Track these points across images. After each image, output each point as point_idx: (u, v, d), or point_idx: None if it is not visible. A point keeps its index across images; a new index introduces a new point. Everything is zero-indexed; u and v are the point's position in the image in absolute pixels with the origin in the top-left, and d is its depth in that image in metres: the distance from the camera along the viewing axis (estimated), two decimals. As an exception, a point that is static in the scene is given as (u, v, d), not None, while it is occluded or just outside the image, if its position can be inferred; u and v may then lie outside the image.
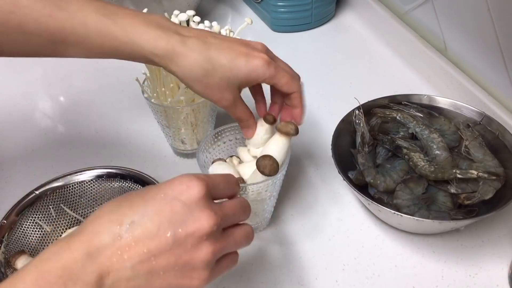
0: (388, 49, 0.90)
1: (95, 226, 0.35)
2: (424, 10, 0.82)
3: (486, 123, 0.62)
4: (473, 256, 0.56)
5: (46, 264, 0.33)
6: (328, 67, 0.88)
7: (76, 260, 0.33)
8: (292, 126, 0.53)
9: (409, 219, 0.52)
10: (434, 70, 0.79)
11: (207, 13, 1.04)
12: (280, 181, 0.55)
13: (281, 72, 0.50)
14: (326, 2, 0.96)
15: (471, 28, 0.71)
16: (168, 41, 0.47)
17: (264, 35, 0.98)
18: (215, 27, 0.63)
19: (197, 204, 0.36)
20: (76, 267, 0.33)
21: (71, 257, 0.33)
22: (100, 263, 0.34)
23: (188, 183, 0.37)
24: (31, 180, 0.61)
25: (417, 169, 0.59)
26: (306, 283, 0.54)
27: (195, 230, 0.35)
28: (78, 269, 0.33)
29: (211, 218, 0.36)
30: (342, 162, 0.59)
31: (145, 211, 0.35)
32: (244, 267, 0.56)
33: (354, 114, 0.64)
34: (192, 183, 0.37)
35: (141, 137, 0.74)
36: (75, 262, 0.33)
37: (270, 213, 0.59)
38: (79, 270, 0.33)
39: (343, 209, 0.62)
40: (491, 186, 0.56)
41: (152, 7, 0.86)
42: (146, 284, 0.35)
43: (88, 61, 0.93)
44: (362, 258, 0.56)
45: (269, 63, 0.48)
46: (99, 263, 0.34)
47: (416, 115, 0.65)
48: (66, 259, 0.33)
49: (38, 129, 0.77)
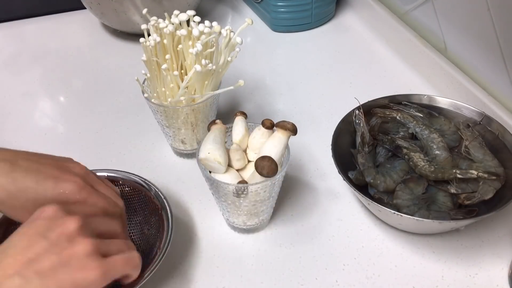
0: (388, 49, 0.90)
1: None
2: (424, 10, 0.82)
3: (486, 123, 0.62)
4: (473, 256, 0.56)
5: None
6: (328, 67, 0.88)
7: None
8: (290, 125, 0.53)
9: (409, 219, 0.52)
10: (434, 70, 0.79)
11: (207, 13, 1.04)
12: (279, 182, 0.55)
13: (94, 198, 0.48)
14: (326, 2, 0.96)
15: (471, 28, 0.71)
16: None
17: (264, 35, 0.98)
18: (215, 27, 0.63)
19: (55, 215, 0.41)
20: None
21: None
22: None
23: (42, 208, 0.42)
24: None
25: (417, 169, 0.59)
26: (306, 283, 0.54)
27: (63, 229, 0.40)
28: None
29: (74, 218, 0.41)
30: (342, 162, 0.59)
31: (11, 239, 0.40)
32: (244, 267, 0.56)
33: (354, 114, 0.64)
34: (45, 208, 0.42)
35: (141, 137, 0.74)
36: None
37: (270, 214, 0.59)
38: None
39: (343, 209, 0.62)
40: (491, 186, 0.56)
41: (152, 7, 0.86)
42: (42, 285, 0.38)
43: (88, 62, 0.93)
44: (362, 258, 0.56)
45: (82, 187, 0.47)
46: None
47: (416, 115, 0.65)
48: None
49: (38, 129, 0.77)
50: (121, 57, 0.93)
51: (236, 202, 0.54)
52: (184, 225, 0.61)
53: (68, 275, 0.39)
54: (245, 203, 0.54)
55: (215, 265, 0.56)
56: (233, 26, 0.76)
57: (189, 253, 0.57)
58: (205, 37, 0.62)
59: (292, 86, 0.83)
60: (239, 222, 0.58)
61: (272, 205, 0.58)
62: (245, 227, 0.59)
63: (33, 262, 0.38)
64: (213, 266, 0.56)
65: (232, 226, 0.59)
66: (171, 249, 0.55)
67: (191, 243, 0.59)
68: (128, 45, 0.95)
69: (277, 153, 0.53)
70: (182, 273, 0.55)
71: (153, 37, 0.62)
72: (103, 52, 0.95)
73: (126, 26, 0.93)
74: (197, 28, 0.62)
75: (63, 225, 0.40)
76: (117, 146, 0.73)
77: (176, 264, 0.56)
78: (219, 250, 0.58)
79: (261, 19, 1.01)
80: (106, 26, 0.99)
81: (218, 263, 0.56)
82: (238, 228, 0.59)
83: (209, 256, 0.57)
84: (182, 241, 0.59)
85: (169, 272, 0.56)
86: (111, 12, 0.89)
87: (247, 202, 0.54)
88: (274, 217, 0.61)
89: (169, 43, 0.63)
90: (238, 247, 0.58)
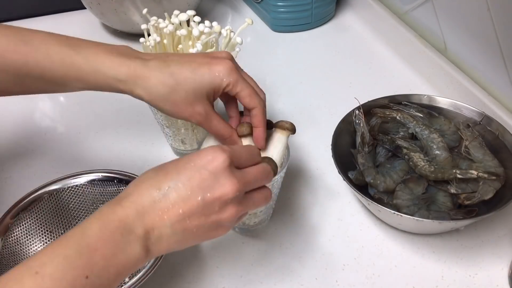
0: (388, 49, 0.90)
1: (139, 190, 0.40)
2: (424, 10, 0.82)
3: (486, 123, 0.62)
4: (473, 256, 0.56)
5: (106, 217, 0.39)
6: (328, 67, 0.88)
7: (128, 216, 0.39)
8: (288, 125, 0.53)
9: (409, 219, 0.52)
10: (434, 70, 0.79)
11: (207, 13, 1.04)
12: (278, 183, 0.55)
13: (244, 82, 0.50)
14: (326, 2, 0.96)
15: (471, 28, 0.71)
16: (129, 66, 0.49)
17: (264, 35, 0.98)
18: (215, 27, 0.63)
19: (222, 172, 0.41)
20: (129, 221, 0.38)
21: (124, 213, 0.39)
22: (146, 221, 0.39)
23: (214, 154, 0.41)
24: (31, 181, 0.61)
25: (417, 169, 0.59)
26: (306, 283, 0.54)
27: (221, 195, 0.40)
28: (130, 223, 0.38)
29: (235, 185, 0.41)
30: (342, 162, 0.59)
31: (178, 178, 0.40)
32: (244, 267, 0.56)
33: (354, 114, 0.64)
34: (217, 154, 0.41)
35: (141, 137, 0.74)
36: (127, 217, 0.39)
37: (269, 214, 0.59)
38: (131, 224, 0.38)
39: (343, 209, 0.62)
40: (491, 186, 0.56)
41: (152, 7, 0.86)
42: (183, 239, 0.41)
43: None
44: (362, 258, 0.56)
45: (232, 69, 0.49)
46: (145, 221, 0.39)
47: (416, 115, 0.65)
48: (121, 214, 0.39)
49: (38, 129, 0.77)
50: (121, 57, 0.92)
51: None
52: (184, 225, 0.61)
53: (207, 233, 0.42)
54: None
55: (215, 265, 0.56)
56: (233, 26, 0.76)
57: (188, 253, 0.57)
58: (205, 37, 0.62)
59: (292, 86, 0.83)
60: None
61: (272, 206, 0.58)
62: (244, 227, 0.59)
63: (185, 219, 0.40)
64: (213, 266, 0.56)
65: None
66: (171, 249, 0.55)
67: (191, 243, 0.58)
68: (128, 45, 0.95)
69: (278, 153, 0.53)
70: (182, 273, 0.55)
71: (153, 37, 0.62)
72: (103, 52, 0.95)
73: (126, 26, 0.93)
74: (197, 28, 0.61)
75: (223, 188, 0.41)
76: (117, 146, 0.73)
77: (176, 264, 0.56)
78: (219, 250, 0.58)
79: (261, 19, 1.01)
80: (106, 26, 0.99)
81: (218, 263, 0.56)
82: (238, 228, 0.59)
83: (209, 256, 0.57)
84: (182, 241, 0.59)
85: (169, 272, 0.56)
86: (111, 12, 0.89)
87: None
88: (273, 217, 0.61)
89: (169, 43, 0.63)
90: (238, 247, 0.58)
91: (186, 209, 0.40)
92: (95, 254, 0.36)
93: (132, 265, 0.38)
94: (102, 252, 0.37)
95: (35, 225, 0.57)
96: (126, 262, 0.38)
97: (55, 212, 0.58)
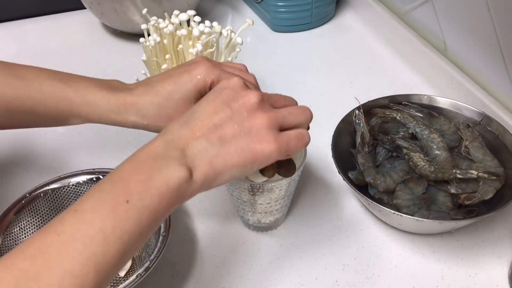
0: (388, 49, 0.90)
1: (166, 128, 0.42)
2: (424, 10, 0.82)
3: (486, 123, 0.62)
4: (473, 256, 0.56)
5: (136, 153, 0.40)
6: (328, 67, 0.88)
7: (158, 146, 0.40)
8: None
9: (409, 219, 0.52)
10: (434, 70, 0.79)
11: (207, 13, 1.04)
12: (295, 181, 0.55)
13: (227, 74, 0.50)
14: (326, 2, 0.96)
15: (471, 28, 0.71)
16: (119, 96, 0.50)
17: (264, 35, 0.98)
18: (215, 27, 0.63)
19: (241, 88, 0.43)
20: (159, 149, 0.40)
21: (154, 145, 0.40)
22: (178, 143, 0.40)
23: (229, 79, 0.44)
24: (31, 180, 0.62)
25: (417, 169, 0.59)
26: (306, 283, 0.54)
27: (245, 101, 0.42)
28: (161, 150, 0.40)
29: (256, 91, 0.43)
30: (342, 162, 0.59)
31: (200, 104, 0.43)
32: (244, 267, 0.56)
33: (354, 114, 0.64)
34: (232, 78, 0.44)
35: (141, 137, 0.74)
36: (157, 147, 0.40)
37: (284, 214, 0.60)
38: (162, 150, 0.40)
39: (343, 209, 0.62)
40: (491, 186, 0.56)
41: (152, 7, 0.86)
42: (222, 150, 0.41)
43: (88, 61, 0.93)
44: (362, 258, 0.56)
45: (210, 67, 0.49)
46: (177, 143, 0.40)
47: (416, 115, 0.65)
48: (151, 147, 0.40)
49: (38, 129, 0.77)
50: (121, 57, 0.93)
51: (251, 200, 0.54)
52: (183, 225, 0.61)
53: (247, 143, 0.41)
54: (260, 201, 0.54)
55: (215, 265, 0.56)
56: (233, 26, 0.76)
57: (189, 253, 0.57)
58: (205, 37, 0.62)
59: (292, 86, 0.83)
60: (254, 220, 0.58)
61: (287, 204, 0.58)
62: (260, 225, 0.59)
63: (217, 128, 0.41)
64: (213, 266, 0.56)
65: (247, 224, 0.59)
66: (171, 249, 0.55)
67: (190, 243, 0.59)
68: (128, 45, 0.95)
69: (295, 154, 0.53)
70: (182, 273, 0.55)
71: (153, 37, 0.62)
72: (103, 52, 0.95)
73: (126, 26, 0.93)
74: (197, 28, 0.62)
75: (245, 96, 0.42)
76: (117, 146, 0.73)
77: (176, 264, 0.56)
78: (219, 250, 0.58)
79: (261, 19, 1.01)
80: (106, 26, 0.99)
81: (218, 263, 0.56)
82: (253, 226, 0.59)
83: (209, 256, 0.57)
84: (182, 241, 0.59)
85: (169, 272, 0.56)
86: (111, 12, 0.89)
87: (262, 200, 0.54)
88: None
89: (169, 43, 0.63)
90: (238, 248, 0.58)
91: (215, 120, 0.41)
92: (130, 182, 0.37)
93: (175, 185, 0.38)
94: (137, 178, 0.37)
95: (35, 223, 0.57)
96: (167, 183, 0.38)
97: (55, 211, 0.58)
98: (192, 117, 0.42)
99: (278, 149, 0.42)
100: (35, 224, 0.57)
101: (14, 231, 0.55)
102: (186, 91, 0.49)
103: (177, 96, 0.49)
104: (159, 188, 0.38)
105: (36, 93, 0.49)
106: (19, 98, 0.49)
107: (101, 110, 0.50)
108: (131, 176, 0.38)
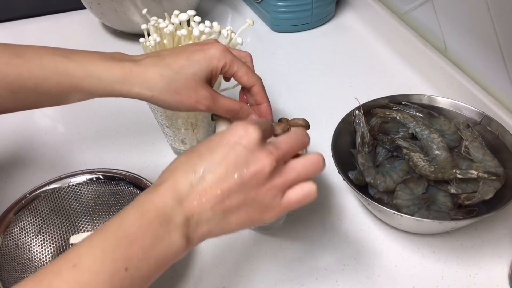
0: (388, 49, 0.90)
1: (174, 176, 0.39)
2: (424, 10, 0.82)
3: (486, 123, 0.62)
4: (473, 256, 0.56)
5: (143, 206, 0.38)
6: (328, 67, 0.88)
7: (166, 205, 0.38)
8: (302, 121, 0.53)
9: (409, 219, 0.52)
10: (434, 70, 0.79)
11: (207, 13, 1.04)
12: None
13: (239, 61, 0.51)
14: (326, 2, 0.96)
15: (471, 28, 0.71)
16: (124, 66, 0.49)
17: (264, 35, 0.98)
18: (215, 27, 0.63)
19: (256, 146, 0.40)
20: (167, 210, 0.38)
21: (162, 201, 0.38)
22: (185, 207, 0.38)
23: (245, 128, 0.40)
24: (31, 180, 0.62)
25: (417, 169, 0.59)
26: (306, 283, 0.54)
27: (257, 169, 0.39)
28: (169, 212, 0.38)
29: (270, 156, 0.39)
30: (342, 162, 0.59)
31: (212, 159, 0.39)
32: (244, 267, 0.56)
33: (354, 114, 0.64)
34: (248, 128, 0.40)
35: (141, 137, 0.74)
36: (165, 206, 0.38)
37: (284, 215, 0.59)
38: (169, 212, 0.38)
39: (343, 209, 0.62)
40: (491, 186, 0.56)
41: (152, 7, 0.86)
42: (224, 221, 0.39)
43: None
44: (362, 258, 0.56)
45: (225, 50, 0.50)
46: (184, 207, 0.38)
47: (416, 115, 0.65)
48: (158, 203, 0.38)
49: (38, 129, 0.77)
50: (121, 57, 0.93)
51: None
52: (184, 225, 0.61)
53: (248, 214, 0.40)
54: None
55: (215, 265, 0.56)
56: (233, 26, 0.76)
57: (188, 253, 0.57)
58: (205, 37, 0.62)
59: (292, 86, 0.83)
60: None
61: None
62: (260, 225, 0.58)
63: (224, 199, 0.39)
64: (213, 266, 0.56)
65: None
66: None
67: (191, 243, 0.58)
68: (128, 45, 0.95)
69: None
70: (182, 273, 0.55)
71: (153, 37, 0.62)
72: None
73: (126, 26, 0.93)
74: (198, 28, 0.61)
75: (259, 162, 0.39)
76: (117, 146, 0.73)
77: (176, 264, 0.56)
78: (219, 250, 0.58)
79: (261, 19, 1.01)
80: (106, 26, 0.99)
81: (218, 263, 0.56)
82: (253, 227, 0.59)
83: (209, 256, 0.57)
84: (182, 241, 0.59)
85: (168, 272, 0.55)
86: (111, 12, 0.89)
87: None
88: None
89: (169, 43, 0.63)
90: (238, 248, 0.58)
91: (224, 188, 0.39)
92: (134, 245, 0.36)
93: (172, 256, 0.38)
94: (141, 244, 0.36)
95: (34, 223, 0.57)
96: (166, 253, 0.37)
97: (54, 210, 0.58)
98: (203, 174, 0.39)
99: (276, 216, 0.41)
100: (35, 224, 0.57)
101: (14, 231, 0.55)
102: (198, 68, 0.49)
103: (189, 71, 0.48)
104: (158, 257, 0.37)
105: (37, 69, 0.48)
106: (21, 76, 0.48)
107: (105, 81, 0.48)
108: (136, 239, 0.36)
